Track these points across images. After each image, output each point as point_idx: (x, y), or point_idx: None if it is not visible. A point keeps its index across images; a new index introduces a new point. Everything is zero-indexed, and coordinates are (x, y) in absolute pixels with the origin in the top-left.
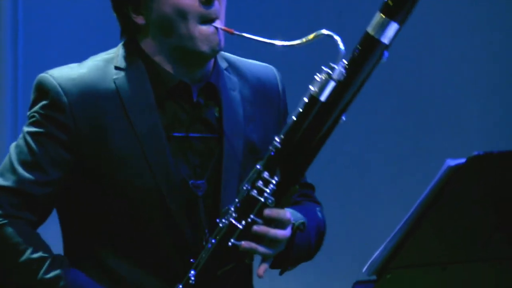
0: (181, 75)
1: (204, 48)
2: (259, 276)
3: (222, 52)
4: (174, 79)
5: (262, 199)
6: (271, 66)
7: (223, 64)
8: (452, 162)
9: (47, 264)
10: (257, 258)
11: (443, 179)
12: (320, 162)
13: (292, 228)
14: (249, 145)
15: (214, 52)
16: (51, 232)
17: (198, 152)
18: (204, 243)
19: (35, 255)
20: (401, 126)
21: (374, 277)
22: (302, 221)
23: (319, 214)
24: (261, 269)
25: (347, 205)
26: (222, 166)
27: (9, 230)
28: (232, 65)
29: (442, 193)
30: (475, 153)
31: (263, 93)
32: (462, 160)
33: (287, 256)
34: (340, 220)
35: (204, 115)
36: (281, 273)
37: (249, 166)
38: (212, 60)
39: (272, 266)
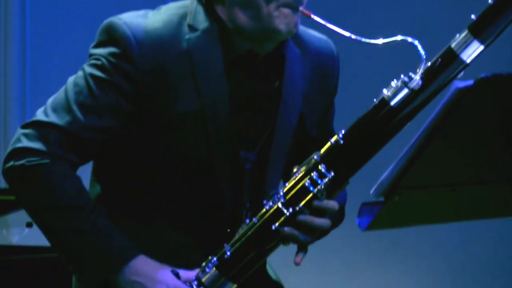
0: (252, 46)
1: (281, 27)
2: (296, 264)
3: None
4: (243, 46)
5: (315, 192)
6: (330, 40)
7: None
8: (460, 84)
9: (86, 213)
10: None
11: (451, 101)
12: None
13: None
14: (301, 122)
15: (290, 33)
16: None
17: (253, 124)
18: (243, 216)
19: (77, 202)
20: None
21: (381, 199)
22: (340, 203)
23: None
24: (299, 257)
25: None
26: (273, 141)
27: (53, 170)
28: (296, 35)
29: (450, 115)
30: (483, 75)
31: (320, 70)
32: (470, 82)
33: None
34: None
35: (266, 88)
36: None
37: (295, 143)
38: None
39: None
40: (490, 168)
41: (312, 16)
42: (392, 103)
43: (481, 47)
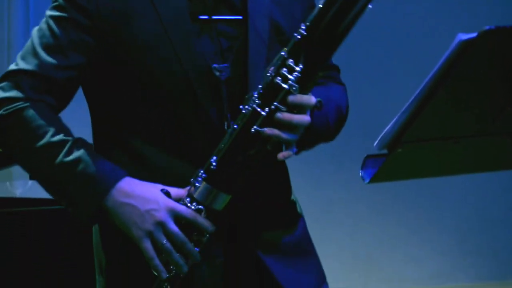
0: None
1: None
2: (279, 158)
3: None
4: None
5: (287, 87)
6: None
7: None
8: (463, 36)
9: (67, 147)
10: None
11: (455, 53)
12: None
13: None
14: (275, 26)
15: None
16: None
17: (223, 35)
18: (226, 127)
19: (55, 138)
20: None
21: (385, 151)
22: (318, 99)
23: (341, 95)
24: (284, 154)
25: (357, 78)
26: (248, 48)
27: (30, 112)
28: None
29: (454, 68)
30: (487, 27)
31: None
32: (474, 34)
33: (304, 137)
34: (350, 93)
35: None
36: (297, 153)
37: (275, 49)
38: None
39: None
40: (493, 120)
41: None
42: None
43: None
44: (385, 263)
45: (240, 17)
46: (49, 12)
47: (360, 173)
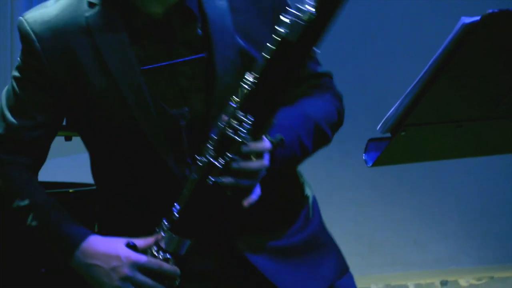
0: (155, 6)
1: None
2: (244, 207)
3: None
4: (146, 12)
5: (239, 139)
6: None
7: None
8: (467, 19)
9: (33, 213)
10: None
11: (458, 37)
12: (340, 27)
13: (272, 145)
14: (243, 57)
15: None
16: None
17: (184, 78)
18: (187, 173)
19: (22, 203)
20: None
21: (388, 135)
22: (279, 137)
23: (328, 104)
24: (248, 201)
25: (361, 63)
26: (216, 84)
27: (3, 176)
28: None
29: (457, 51)
30: (490, 11)
31: None
32: (477, 18)
33: (271, 170)
34: (353, 78)
35: (184, 37)
36: (273, 183)
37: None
38: None
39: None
40: (496, 104)
41: None
42: (293, 39)
43: None
44: (389, 247)
45: (203, 54)
46: (13, 73)
47: (363, 157)
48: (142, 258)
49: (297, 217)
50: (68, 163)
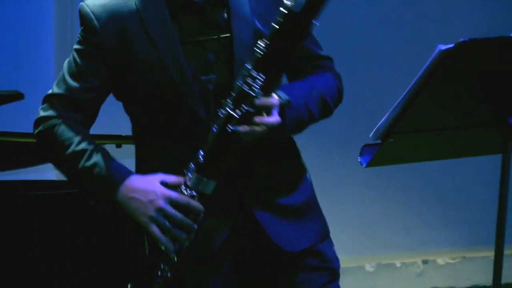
0: None
1: None
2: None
3: None
4: None
5: (252, 93)
6: None
7: None
8: (443, 46)
9: (87, 155)
10: None
11: (436, 60)
12: (332, 39)
13: (280, 102)
14: (257, 34)
15: None
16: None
17: (212, 52)
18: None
19: (78, 148)
20: (403, 17)
21: (379, 141)
22: (287, 98)
23: (329, 80)
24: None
25: (355, 83)
26: (234, 60)
27: (60, 128)
28: None
29: (435, 73)
30: (462, 39)
31: None
32: (451, 45)
33: (283, 128)
34: (350, 94)
35: (214, 19)
36: (287, 135)
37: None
38: None
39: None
40: (468, 116)
41: None
42: (297, 10)
43: None
44: (381, 233)
45: (227, 34)
46: (74, 46)
47: (359, 159)
48: (173, 193)
49: (300, 181)
50: None
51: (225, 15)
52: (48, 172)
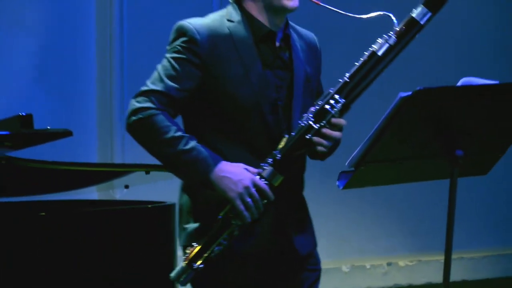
0: (269, 25)
1: (287, 4)
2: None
3: None
4: (265, 28)
5: (333, 112)
6: (311, 33)
7: None
8: (403, 94)
9: (185, 140)
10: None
11: (397, 105)
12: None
13: None
14: (306, 76)
15: (293, 8)
16: None
17: (279, 79)
18: (284, 134)
19: (177, 134)
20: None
21: (353, 169)
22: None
23: None
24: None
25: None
26: (293, 88)
27: (159, 117)
28: (291, 26)
29: (397, 115)
30: (418, 88)
31: (310, 47)
32: (410, 93)
33: (332, 146)
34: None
35: (281, 55)
36: (322, 159)
37: (307, 89)
38: (286, 18)
39: (314, 157)
40: (424, 149)
41: (320, 3)
42: (379, 53)
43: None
44: (354, 240)
45: (288, 70)
46: (169, 55)
47: (337, 183)
48: (257, 179)
49: (304, 199)
50: (147, 189)
51: (287, 54)
52: (91, 194)
